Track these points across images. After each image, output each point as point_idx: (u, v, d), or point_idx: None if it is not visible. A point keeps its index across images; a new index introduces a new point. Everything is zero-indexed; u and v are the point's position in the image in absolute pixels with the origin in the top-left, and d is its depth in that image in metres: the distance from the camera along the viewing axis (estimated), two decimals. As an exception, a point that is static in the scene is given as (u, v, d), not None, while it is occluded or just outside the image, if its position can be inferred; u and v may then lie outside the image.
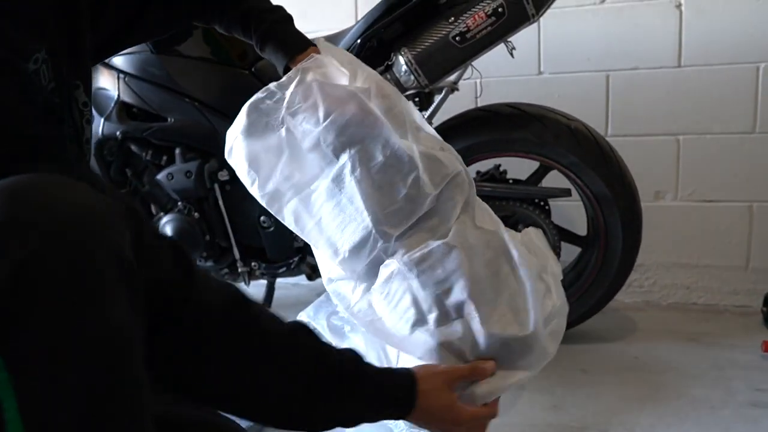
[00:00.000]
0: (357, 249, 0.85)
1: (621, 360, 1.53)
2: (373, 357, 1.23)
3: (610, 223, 1.52)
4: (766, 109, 1.79)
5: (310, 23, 2.07)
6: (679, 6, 1.83)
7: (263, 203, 0.89)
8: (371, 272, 0.86)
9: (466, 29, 1.32)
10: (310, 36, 1.01)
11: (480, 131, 1.51)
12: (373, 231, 0.83)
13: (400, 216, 0.84)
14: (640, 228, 1.53)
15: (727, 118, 1.83)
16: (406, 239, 0.84)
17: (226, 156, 0.93)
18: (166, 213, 1.66)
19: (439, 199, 0.85)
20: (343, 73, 0.88)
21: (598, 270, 1.54)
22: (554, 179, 1.63)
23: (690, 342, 1.62)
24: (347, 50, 1.44)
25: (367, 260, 0.85)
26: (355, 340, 1.27)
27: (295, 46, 0.97)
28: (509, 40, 1.42)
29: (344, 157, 0.84)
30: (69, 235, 0.46)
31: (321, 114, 0.84)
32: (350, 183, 0.83)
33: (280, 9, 1.00)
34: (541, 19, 1.43)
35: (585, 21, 1.90)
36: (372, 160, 0.83)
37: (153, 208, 1.70)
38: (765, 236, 1.85)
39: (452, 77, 1.48)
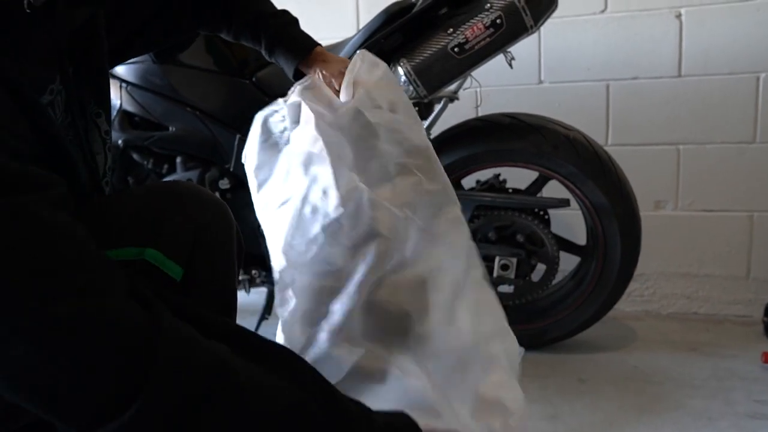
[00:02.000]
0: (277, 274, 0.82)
1: (620, 369, 1.53)
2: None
3: (609, 233, 1.52)
4: (766, 119, 1.80)
5: (311, 32, 2.10)
6: (679, 16, 1.83)
7: (256, 210, 0.89)
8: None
9: (464, 40, 1.33)
10: None
11: (479, 141, 1.51)
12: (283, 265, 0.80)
13: (300, 255, 0.79)
14: (639, 238, 1.54)
15: (728, 127, 1.83)
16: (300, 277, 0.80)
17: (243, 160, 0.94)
18: (167, 221, 1.67)
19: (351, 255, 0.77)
20: (332, 97, 0.88)
21: (597, 280, 1.55)
22: (553, 189, 1.64)
23: (690, 352, 1.62)
24: (347, 60, 1.45)
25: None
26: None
27: (303, 49, 0.98)
28: (508, 50, 1.43)
29: (304, 184, 0.81)
30: (221, 214, 0.74)
31: (300, 138, 0.84)
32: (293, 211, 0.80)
33: (286, 13, 1.01)
34: (542, 28, 1.44)
35: (585, 30, 1.91)
36: (314, 195, 0.80)
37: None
38: (765, 246, 1.84)
39: (452, 87, 1.49)
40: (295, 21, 1.02)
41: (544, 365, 1.55)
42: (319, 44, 1.00)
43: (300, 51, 0.97)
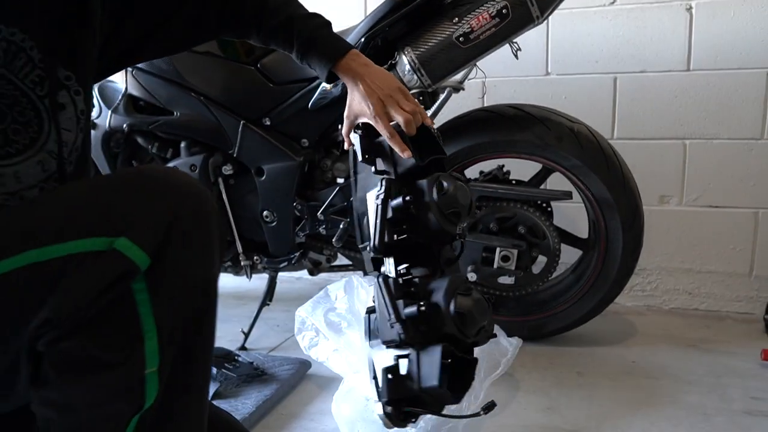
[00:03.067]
0: None
1: (618, 364, 1.53)
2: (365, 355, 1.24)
3: (611, 227, 1.51)
4: (775, 116, 1.78)
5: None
6: (689, 9, 1.81)
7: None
8: None
9: (470, 30, 1.33)
10: None
11: (483, 132, 1.51)
12: None
13: None
14: (641, 233, 1.53)
15: (736, 123, 1.81)
16: None
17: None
18: (170, 205, 1.68)
19: None
20: None
21: (598, 273, 1.54)
22: (557, 181, 1.63)
23: (689, 348, 1.62)
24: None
25: None
26: (351, 337, 1.28)
27: (337, 51, 1.00)
28: (514, 41, 1.42)
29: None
30: (197, 203, 0.68)
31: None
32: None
33: (318, 16, 1.02)
34: (549, 19, 1.43)
35: (594, 22, 1.89)
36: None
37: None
38: (770, 243, 1.83)
39: (457, 77, 1.48)
40: (328, 23, 1.03)
41: (542, 357, 1.56)
42: (354, 47, 1.01)
43: (333, 54, 0.99)
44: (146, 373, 0.64)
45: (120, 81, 1.61)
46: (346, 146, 1.08)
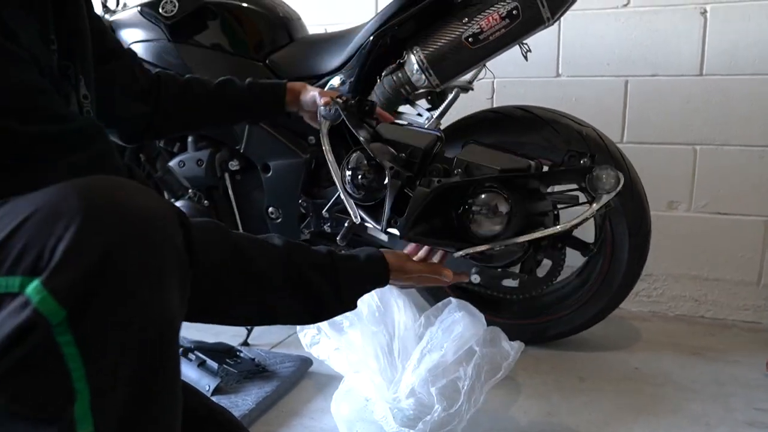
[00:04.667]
0: None
1: (621, 370, 1.52)
2: (370, 353, 1.24)
3: (617, 233, 1.50)
4: (788, 123, 1.76)
5: (330, 16, 2.09)
6: (704, 13, 1.79)
7: None
8: None
9: (479, 30, 1.32)
10: (330, 28, 1.06)
11: (490, 133, 1.50)
12: None
13: None
14: (647, 239, 1.52)
15: (747, 130, 1.79)
16: None
17: None
18: (176, 199, 1.68)
19: None
20: None
21: (603, 279, 1.53)
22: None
23: (693, 356, 1.60)
24: (360, 47, 1.44)
25: None
26: (352, 336, 1.28)
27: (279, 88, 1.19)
28: (524, 42, 1.41)
29: None
30: (143, 232, 0.55)
31: None
32: None
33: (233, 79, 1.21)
34: (562, 20, 1.41)
35: (606, 24, 1.87)
36: None
37: (165, 194, 1.73)
38: (779, 252, 1.81)
39: (467, 77, 1.47)
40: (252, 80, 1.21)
41: (544, 362, 1.55)
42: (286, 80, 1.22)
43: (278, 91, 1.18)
44: None
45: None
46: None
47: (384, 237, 1.07)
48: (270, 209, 1.60)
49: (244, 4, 1.65)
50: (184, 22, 1.58)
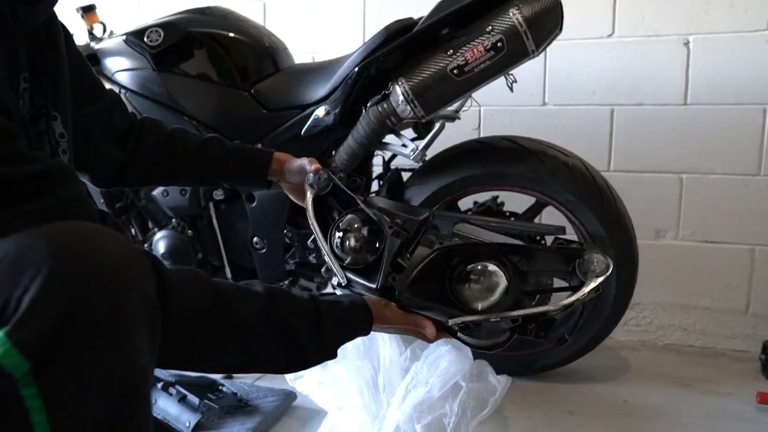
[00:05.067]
0: None
1: (610, 403, 1.50)
2: (354, 388, 1.21)
3: (605, 263, 1.49)
4: (772, 152, 1.77)
5: (316, 45, 2.10)
6: (687, 43, 1.81)
7: None
8: None
9: (464, 62, 1.31)
10: (317, 55, 1.03)
11: (475, 164, 1.49)
12: None
13: None
14: (635, 269, 1.51)
15: (732, 158, 1.80)
16: None
17: None
18: (160, 229, 1.66)
19: None
20: None
21: (591, 310, 1.52)
22: (550, 214, 1.61)
23: (683, 387, 1.58)
24: (346, 77, 1.44)
25: None
26: (335, 370, 1.25)
27: (264, 156, 1.15)
28: (510, 73, 1.41)
29: None
30: (110, 282, 0.55)
31: None
32: None
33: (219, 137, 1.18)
34: (548, 50, 1.42)
35: (592, 54, 1.89)
36: None
37: (149, 224, 1.71)
38: (766, 280, 1.81)
39: (454, 106, 1.47)
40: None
41: (533, 395, 1.52)
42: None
43: (262, 161, 1.13)
44: None
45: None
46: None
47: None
48: (255, 239, 1.58)
49: (230, 34, 1.65)
50: (169, 51, 1.57)
